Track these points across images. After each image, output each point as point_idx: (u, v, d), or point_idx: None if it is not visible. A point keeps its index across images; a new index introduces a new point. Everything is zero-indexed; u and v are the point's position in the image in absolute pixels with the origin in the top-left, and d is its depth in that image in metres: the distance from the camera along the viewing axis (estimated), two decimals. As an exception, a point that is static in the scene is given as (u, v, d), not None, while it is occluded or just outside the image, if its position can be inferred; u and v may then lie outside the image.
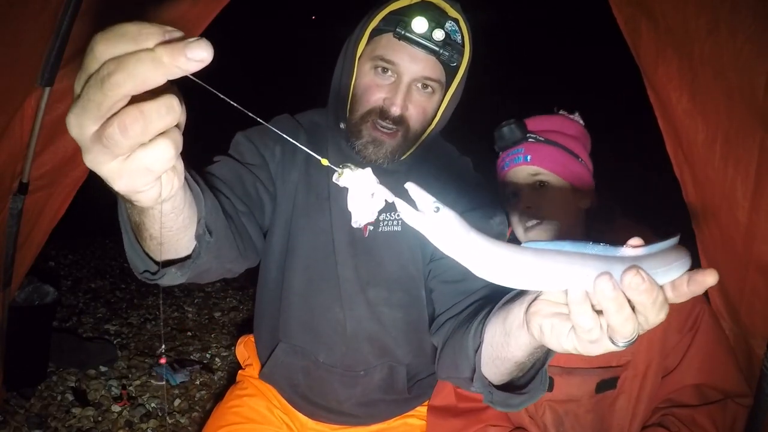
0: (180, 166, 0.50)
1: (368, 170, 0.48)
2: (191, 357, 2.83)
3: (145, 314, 3.30)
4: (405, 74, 1.04)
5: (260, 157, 1.13)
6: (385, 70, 1.05)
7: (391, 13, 1.05)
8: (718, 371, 1.18)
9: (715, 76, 1.11)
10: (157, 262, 0.70)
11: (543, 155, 1.27)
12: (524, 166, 1.27)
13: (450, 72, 1.10)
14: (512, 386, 0.78)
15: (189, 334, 3.10)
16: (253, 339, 1.45)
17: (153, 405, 2.30)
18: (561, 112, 1.38)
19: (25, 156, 1.50)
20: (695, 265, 1.35)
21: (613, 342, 0.50)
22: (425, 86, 1.07)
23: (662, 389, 1.20)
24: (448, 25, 1.05)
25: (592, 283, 0.44)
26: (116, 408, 2.23)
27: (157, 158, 0.41)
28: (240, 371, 1.45)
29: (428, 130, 1.16)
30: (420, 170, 1.20)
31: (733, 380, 1.18)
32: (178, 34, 0.36)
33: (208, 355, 2.87)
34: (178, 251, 0.70)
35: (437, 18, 1.03)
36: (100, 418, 2.16)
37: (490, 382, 0.78)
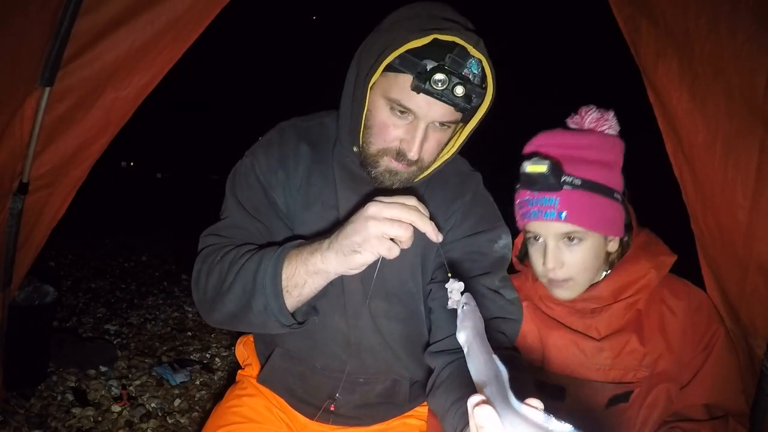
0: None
1: (461, 284, 0.75)
2: (191, 357, 2.83)
3: (145, 314, 3.31)
4: (422, 119, 1.02)
5: (264, 197, 1.14)
6: (402, 112, 1.03)
7: (408, 52, 0.97)
8: (726, 392, 1.16)
9: (715, 76, 1.11)
10: (299, 321, 0.96)
11: (581, 211, 1.10)
12: (557, 223, 1.11)
13: (469, 111, 1.06)
14: None
15: (189, 334, 3.11)
16: (252, 339, 1.45)
17: (153, 405, 2.31)
18: (592, 113, 1.19)
19: (25, 156, 1.50)
20: (696, 266, 1.34)
21: None
22: (442, 124, 1.05)
23: (674, 405, 1.18)
24: (470, 64, 1.00)
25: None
26: (116, 408, 2.23)
27: (393, 249, 0.81)
28: (239, 371, 1.45)
29: (443, 159, 1.14)
30: (429, 184, 1.19)
31: (737, 401, 1.17)
32: (433, 223, 0.82)
33: (208, 355, 2.87)
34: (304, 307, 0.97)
35: (457, 65, 0.98)
36: (100, 418, 2.16)
37: None
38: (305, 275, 0.87)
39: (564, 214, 1.09)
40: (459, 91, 0.96)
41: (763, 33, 1.02)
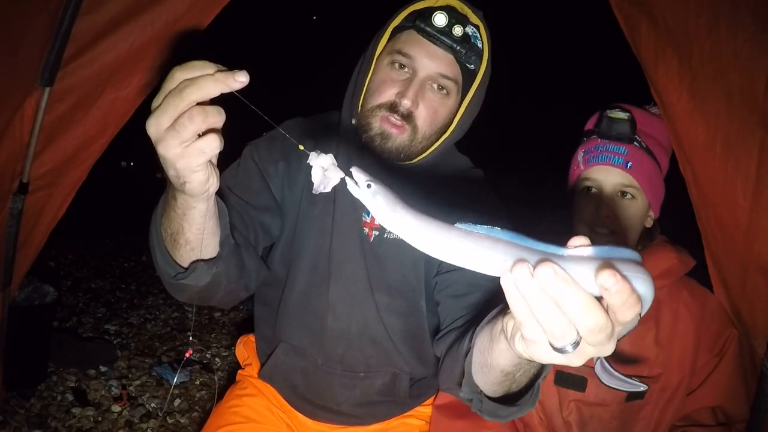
0: (217, 172, 0.68)
1: (330, 155, 0.60)
2: (191, 357, 2.83)
3: (145, 314, 3.30)
4: (420, 70, 1.05)
5: (261, 179, 1.15)
6: (402, 66, 1.07)
7: (413, 11, 1.08)
8: (732, 396, 1.19)
9: (715, 76, 1.11)
10: (185, 268, 0.84)
11: (643, 169, 1.20)
12: (621, 171, 1.19)
13: (468, 76, 1.10)
14: (505, 399, 0.77)
15: (189, 334, 3.10)
16: (253, 339, 1.45)
17: (153, 405, 2.30)
18: (655, 109, 1.30)
19: (25, 156, 1.50)
20: (700, 263, 1.35)
21: (552, 345, 0.46)
22: (441, 87, 1.08)
23: (683, 407, 1.21)
24: (469, 29, 1.07)
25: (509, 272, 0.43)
26: (116, 408, 2.23)
27: (208, 144, 0.60)
28: (240, 371, 1.45)
29: (443, 138, 1.15)
30: (432, 178, 1.20)
31: (740, 408, 1.20)
32: (225, 68, 0.59)
33: (208, 355, 2.87)
34: (205, 254, 0.83)
35: (459, 18, 1.06)
36: (100, 418, 2.16)
37: (481, 390, 0.77)
38: (179, 221, 0.77)
39: (630, 165, 1.18)
40: (458, 30, 1.03)
41: (763, 33, 1.02)
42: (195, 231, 0.78)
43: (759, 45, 1.03)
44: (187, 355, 1.04)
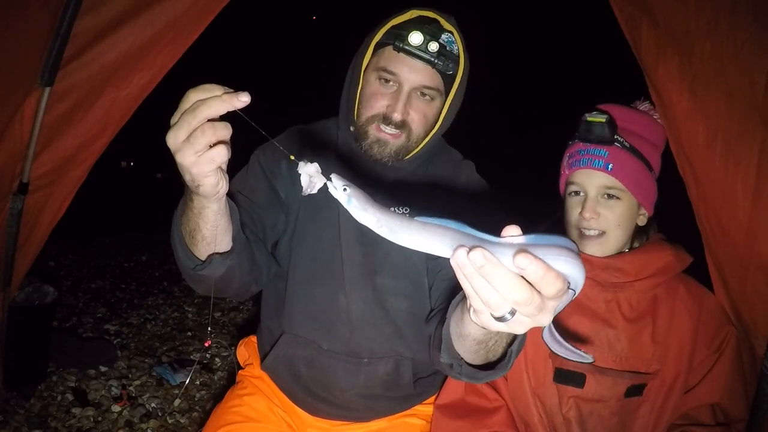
0: (226, 177, 0.79)
1: (315, 164, 0.68)
2: (191, 357, 2.83)
3: (145, 314, 3.30)
4: (405, 83, 1.16)
5: (266, 181, 1.25)
6: (387, 80, 1.16)
7: (392, 27, 1.16)
8: (731, 394, 1.19)
9: (716, 76, 1.11)
10: (203, 261, 0.94)
11: (625, 169, 1.19)
12: (602, 173, 1.20)
13: (448, 81, 1.20)
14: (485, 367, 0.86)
15: (189, 334, 3.10)
16: (254, 340, 1.46)
17: (153, 405, 2.30)
18: (645, 105, 1.30)
19: (25, 156, 1.50)
20: (702, 263, 1.35)
21: (492, 315, 0.53)
22: (424, 94, 1.18)
23: (682, 405, 1.21)
24: (444, 36, 1.15)
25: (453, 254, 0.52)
26: (116, 408, 2.23)
27: (218, 153, 0.71)
28: (240, 371, 1.45)
29: (431, 134, 1.24)
30: (425, 172, 1.28)
31: (739, 406, 1.20)
32: (231, 90, 0.69)
33: (208, 355, 2.87)
34: (219, 248, 0.94)
35: (433, 31, 1.14)
36: (100, 418, 2.16)
37: (461, 357, 0.86)
38: (196, 219, 0.87)
39: (611, 166, 1.19)
40: (433, 47, 1.13)
41: (763, 33, 1.02)
42: (210, 228, 0.89)
43: (759, 45, 1.03)
44: (207, 343, 1.12)
